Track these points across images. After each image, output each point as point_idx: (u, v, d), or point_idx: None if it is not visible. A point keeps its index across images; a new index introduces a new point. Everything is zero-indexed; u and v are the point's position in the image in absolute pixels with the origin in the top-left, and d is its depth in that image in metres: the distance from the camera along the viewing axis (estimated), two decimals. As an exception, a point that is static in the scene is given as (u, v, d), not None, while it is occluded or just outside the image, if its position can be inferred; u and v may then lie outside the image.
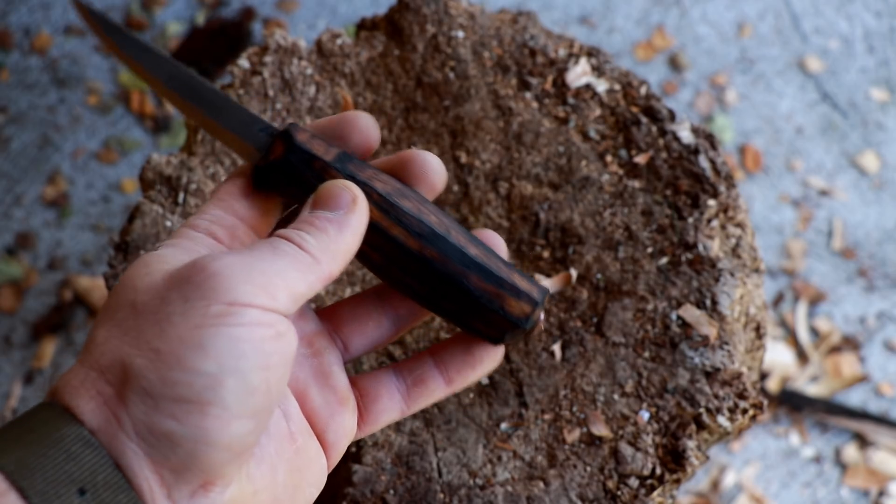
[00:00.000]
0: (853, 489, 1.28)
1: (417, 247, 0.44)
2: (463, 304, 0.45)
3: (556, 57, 0.77)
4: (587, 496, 0.62)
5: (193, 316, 0.36)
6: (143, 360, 0.36)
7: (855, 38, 1.61)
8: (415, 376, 0.46)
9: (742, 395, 0.65)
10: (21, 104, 1.54)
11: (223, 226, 0.42)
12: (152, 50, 0.45)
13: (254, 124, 0.45)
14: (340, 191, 0.41)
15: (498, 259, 0.46)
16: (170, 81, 0.45)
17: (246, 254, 0.38)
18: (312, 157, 0.44)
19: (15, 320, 1.37)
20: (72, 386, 0.36)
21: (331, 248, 0.40)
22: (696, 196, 0.71)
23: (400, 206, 0.44)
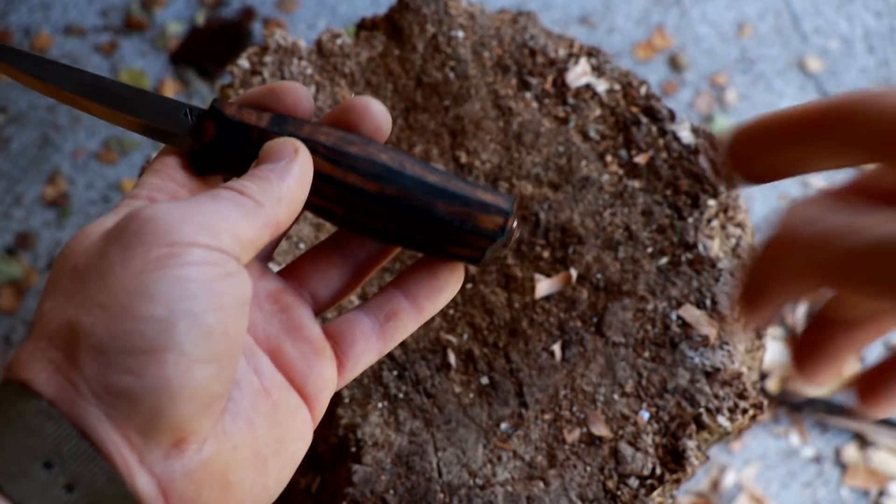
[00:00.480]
0: (853, 489, 1.28)
1: (376, 188, 0.43)
2: (435, 232, 0.45)
3: (556, 57, 0.77)
4: (587, 496, 0.62)
5: (134, 263, 0.34)
6: (90, 317, 0.34)
7: (855, 38, 1.61)
8: (385, 312, 0.45)
9: (742, 395, 0.65)
10: (21, 104, 1.54)
11: (165, 191, 0.41)
12: (50, 62, 0.44)
13: (177, 110, 0.44)
14: (280, 145, 0.41)
15: (458, 180, 0.46)
16: (79, 89, 0.43)
17: (185, 202, 0.36)
18: (247, 127, 0.43)
19: (15, 320, 1.37)
20: (23, 360, 0.35)
21: (274, 193, 0.39)
22: (696, 196, 0.71)
23: (348, 153, 0.43)
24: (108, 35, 1.60)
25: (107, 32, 1.60)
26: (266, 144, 0.41)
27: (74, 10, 1.62)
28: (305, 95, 0.44)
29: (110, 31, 1.61)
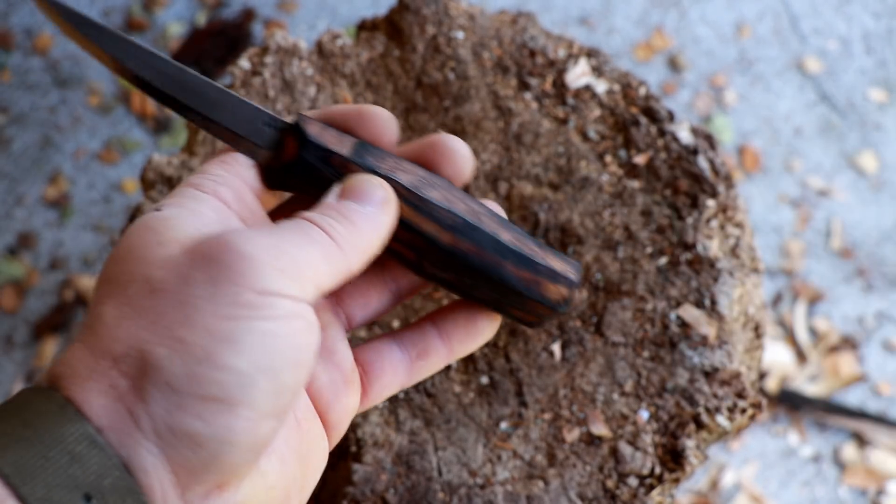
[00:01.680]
0: (852, 488, 1.28)
1: (451, 240, 0.42)
2: (500, 292, 0.44)
3: (555, 57, 0.78)
4: (587, 495, 0.63)
5: (222, 303, 0.32)
6: (167, 350, 0.32)
7: (853, 38, 1.61)
8: (419, 349, 0.44)
9: (741, 395, 0.65)
10: (22, 105, 1.54)
11: (230, 187, 0.39)
12: (134, 45, 0.40)
13: (257, 118, 0.41)
14: (373, 187, 0.39)
15: (530, 240, 0.44)
16: (160, 79, 0.40)
17: (274, 234, 0.35)
18: (329, 152, 0.40)
19: (16, 320, 1.37)
20: (78, 376, 0.33)
21: (358, 242, 0.37)
22: (696, 196, 0.71)
23: (429, 199, 0.41)
24: (108, 36, 1.60)
25: (107, 33, 1.61)
26: (358, 177, 0.39)
27: (75, 10, 1.62)
28: (391, 125, 0.42)
29: (111, 32, 1.61)
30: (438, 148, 0.43)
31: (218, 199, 0.38)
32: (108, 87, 1.56)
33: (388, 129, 0.42)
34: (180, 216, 0.36)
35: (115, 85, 1.56)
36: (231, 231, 0.34)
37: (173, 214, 0.36)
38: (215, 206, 0.38)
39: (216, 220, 0.37)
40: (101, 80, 1.56)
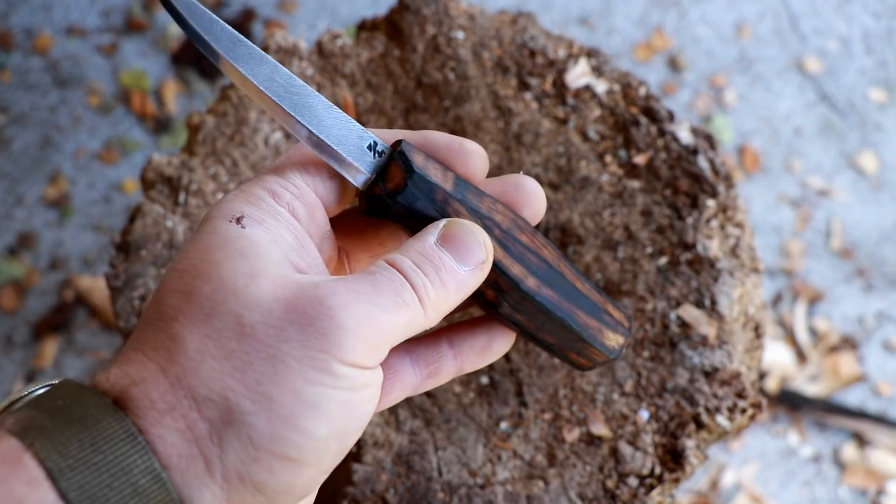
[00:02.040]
0: (851, 488, 1.28)
1: (535, 285, 0.42)
2: (565, 338, 0.45)
3: (555, 58, 0.78)
4: (587, 495, 0.63)
5: (311, 368, 0.33)
6: (253, 405, 0.33)
7: (853, 38, 1.61)
8: (431, 368, 0.44)
9: (741, 395, 0.65)
10: (23, 105, 1.54)
11: (305, 203, 0.39)
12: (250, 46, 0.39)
13: (362, 140, 0.40)
14: (476, 244, 0.39)
15: (592, 286, 0.45)
16: (269, 85, 0.39)
17: (371, 299, 0.35)
18: (434, 186, 0.40)
19: (16, 320, 1.37)
20: (156, 409, 0.33)
21: (443, 307, 0.38)
22: (696, 196, 0.71)
23: (520, 241, 0.42)
24: (109, 36, 1.60)
25: (108, 33, 1.61)
26: (460, 227, 0.39)
27: (76, 10, 1.62)
28: (485, 162, 0.43)
29: (112, 32, 1.61)
30: (521, 189, 0.44)
31: (293, 215, 0.38)
32: (108, 87, 1.56)
33: (484, 165, 0.43)
34: (265, 243, 0.36)
35: (115, 85, 1.56)
36: (327, 290, 0.35)
37: (258, 238, 0.36)
38: (292, 226, 0.38)
39: (294, 245, 0.37)
40: (100, 81, 1.56)
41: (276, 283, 0.35)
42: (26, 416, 0.32)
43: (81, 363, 1.34)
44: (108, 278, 0.70)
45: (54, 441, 0.31)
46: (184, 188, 0.73)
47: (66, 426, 0.31)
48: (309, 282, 0.35)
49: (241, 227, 0.36)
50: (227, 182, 0.73)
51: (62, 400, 0.33)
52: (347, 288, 0.35)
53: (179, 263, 0.36)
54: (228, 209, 0.37)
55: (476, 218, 0.41)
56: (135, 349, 0.35)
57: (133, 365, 0.34)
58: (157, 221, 0.71)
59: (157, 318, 0.35)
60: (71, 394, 0.33)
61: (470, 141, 0.43)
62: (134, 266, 0.70)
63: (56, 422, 0.32)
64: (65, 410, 0.32)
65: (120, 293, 0.69)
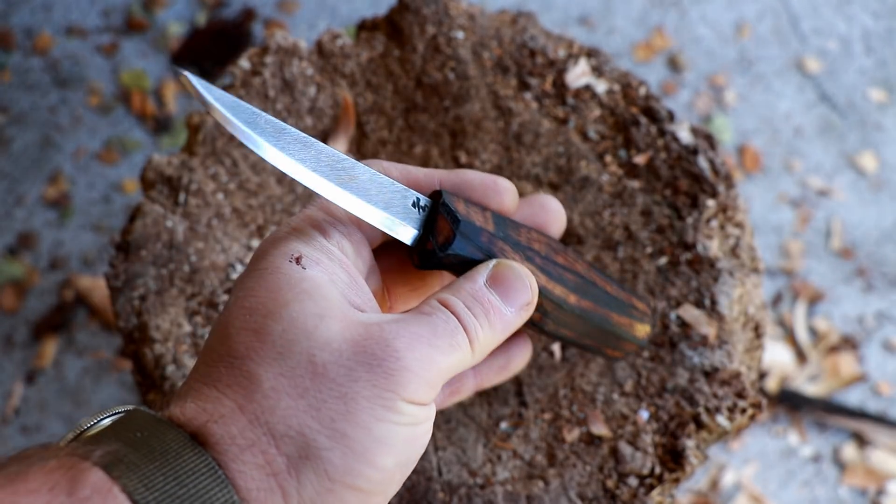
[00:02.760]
0: (851, 488, 1.28)
1: (576, 301, 0.45)
2: (602, 338, 0.47)
3: (555, 57, 0.78)
4: (587, 495, 0.63)
5: (380, 406, 0.35)
6: (329, 441, 0.35)
7: (853, 38, 1.61)
8: (453, 388, 0.47)
9: (741, 395, 0.65)
10: (23, 105, 1.54)
11: (352, 241, 0.41)
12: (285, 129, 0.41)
13: (406, 198, 0.42)
14: (522, 286, 0.41)
15: (617, 285, 0.48)
16: (315, 164, 0.40)
17: (430, 342, 0.37)
18: (479, 230, 0.42)
19: (16, 320, 1.37)
20: (236, 445, 0.34)
21: (489, 346, 0.41)
22: (695, 196, 0.71)
23: (558, 264, 0.44)
24: (109, 36, 1.60)
25: (108, 33, 1.61)
26: (507, 268, 0.41)
27: (76, 10, 1.62)
28: (516, 196, 0.45)
29: (111, 32, 1.61)
30: (547, 210, 0.47)
31: (343, 252, 0.40)
32: (108, 87, 1.56)
33: (515, 200, 0.45)
34: (326, 284, 0.38)
35: (115, 85, 1.56)
36: (392, 332, 0.37)
37: (319, 279, 0.38)
38: (345, 265, 0.40)
39: (349, 283, 0.39)
40: (100, 81, 1.56)
41: (343, 323, 0.37)
42: (111, 449, 0.33)
43: (81, 363, 1.34)
44: (108, 278, 0.70)
45: (140, 475, 0.32)
46: (184, 188, 0.73)
47: (150, 460, 0.33)
48: (373, 322, 0.37)
49: (302, 268, 0.38)
50: (227, 182, 0.74)
51: (140, 432, 0.34)
52: (410, 331, 0.37)
53: (246, 301, 0.38)
54: (285, 248, 0.39)
55: (519, 252, 0.43)
56: (207, 385, 0.36)
57: (209, 401, 0.35)
58: (157, 221, 0.71)
59: (227, 355, 0.37)
60: (147, 426, 0.35)
61: (502, 178, 0.45)
62: (134, 266, 0.70)
63: (139, 455, 0.33)
64: (145, 444, 0.33)
65: (120, 293, 0.69)
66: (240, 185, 0.74)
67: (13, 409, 1.31)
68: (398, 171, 0.44)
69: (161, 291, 0.69)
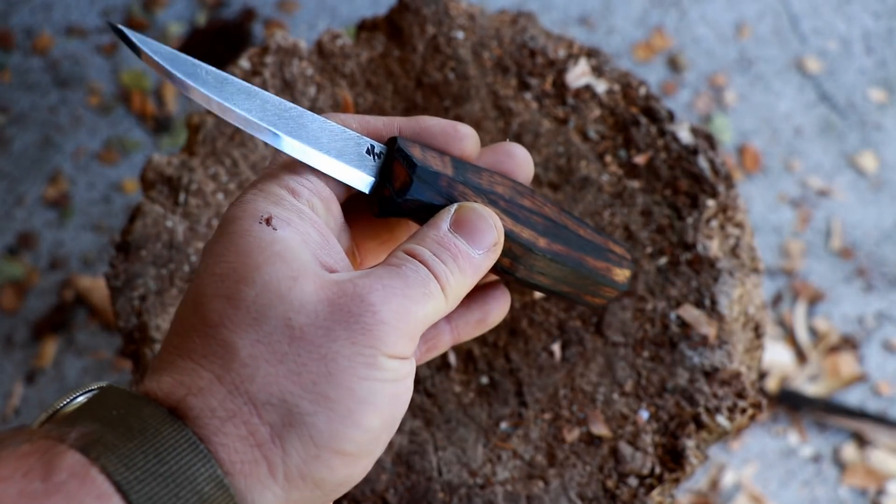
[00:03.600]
0: (852, 488, 1.28)
1: (546, 244, 0.44)
2: (580, 285, 0.46)
3: (555, 57, 0.78)
4: (587, 495, 0.63)
5: (360, 364, 0.34)
6: (312, 405, 0.34)
7: (853, 38, 1.61)
8: (430, 344, 0.46)
9: (741, 395, 0.65)
10: (23, 105, 1.54)
11: (322, 198, 0.40)
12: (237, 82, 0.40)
13: (360, 145, 0.41)
14: (487, 227, 0.41)
15: (592, 229, 0.47)
16: (263, 114, 0.39)
17: (403, 292, 0.37)
18: (437, 174, 0.41)
19: (16, 320, 1.37)
20: (217, 417, 0.33)
21: (461, 291, 0.40)
22: (695, 196, 0.71)
23: (524, 207, 0.43)
24: (109, 36, 1.60)
25: (108, 33, 1.61)
26: (470, 211, 0.41)
27: (76, 10, 1.62)
28: (477, 141, 0.44)
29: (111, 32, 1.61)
30: (513, 156, 0.45)
31: (313, 211, 0.39)
32: (108, 87, 1.56)
33: (477, 146, 0.44)
34: (297, 244, 0.37)
35: (115, 85, 1.56)
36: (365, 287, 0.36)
37: (291, 240, 0.37)
38: (316, 224, 0.39)
39: (321, 242, 0.38)
40: (100, 81, 1.56)
41: (317, 283, 0.36)
42: (87, 430, 0.32)
43: (81, 363, 1.34)
44: (108, 278, 0.70)
45: (119, 454, 0.31)
46: (184, 188, 0.73)
47: (128, 438, 0.32)
48: (345, 279, 0.36)
49: (272, 229, 0.37)
50: (226, 182, 0.74)
51: (115, 410, 0.33)
52: (382, 284, 0.36)
53: (216, 267, 0.37)
54: (254, 209, 0.38)
55: (481, 195, 0.42)
56: (182, 356, 0.35)
57: (185, 373, 0.34)
58: (157, 221, 0.71)
59: (200, 324, 0.36)
60: (123, 403, 0.34)
61: (463, 124, 0.44)
62: (134, 266, 0.70)
63: (117, 434, 0.32)
64: (122, 421, 0.32)
65: (120, 293, 0.69)
66: (240, 185, 0.74)
67: (13, 409, 1.31)
68: (357, 121, 0.43)
69: (161, 291, 0.69)
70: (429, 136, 0.43)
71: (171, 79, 0.38)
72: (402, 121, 0.43)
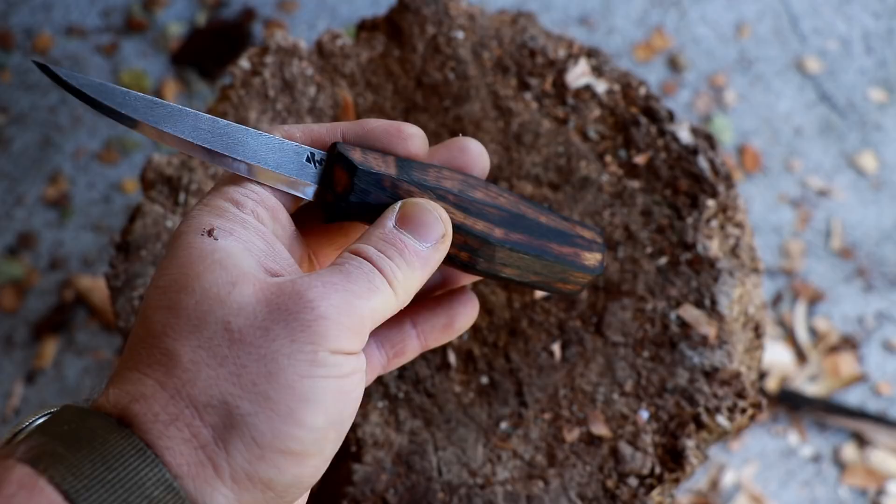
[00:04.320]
0: (851, 488, 1.28)
1: (502, 234, 0.44)
2: (547, 272, 0.46)
3: (555, 57, 0.78)
4: (586, 495, 0.63)
5: (301, 362, 0.34)
6: (252, 406, 0.34)
7: (853, 38, 1.61)
8: (397, 349, 0.46)
9: (741, 395, 0.65)
10: (23, 105, 1.54)
11: (267, 207, 0.40)
12: (161, 104, 0.40)
13: (299, 155, 0.42)
14: (433, 220, 0.41)
15: (558, 216, 0.47)
16: (197, 135, 0.40)
17: (342, 287, 0.36)
18: (379, 176, 0.41)
19: (16, 320, 1.37)
20: (159, 421, 0.34)
21: (411, 285, 0.40)
22: (695, 196, 0.71)
23: (475, 199, 0.43)
24: (109, 36, 1.60)
25: (108, 33, 1.61)
26: (414, 206, 0.41)
27: (76, 10, 1.62)
28: (424, 140, 0.44)
29: (111, 32, 1.61)
30: (467, 151, 0.45)
31: (259, 221, 0.39)
32: (108, 87, 1.56)
33: (424, 145, 0.44)
34: (239, 252, 0.37)
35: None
36: (304, 284, 0.36)
37: (232, 248, 0.37)
38: (260, 232, 0.39)
39: (266, 250, 0.38)
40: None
41: (256, 286, 0.36)
42: (36, 444, 0.32)
43: (81, 363, 1.34)
44: (108, 278, 0.70)
45: (67, 464, 0.32)
46: (184, 188, 0.73)
47: (76, 449, 0.32)
48: (285, 280, 0.37)
49: (214, 240, 0.37)
50: (226, 182, 0.74)
51: (67, 425, 0.33)
52: (322, 280, 0.37)
53: (160, 280, 0.37)
54: (198, 224, 0.38)
55: (427, 192, 0.42)
56: (129, 368, 0.36)
57: (131, 383, 0.35)
58: (157, 221, 0.71)
59: (146, 336, 0.36)
60: (74, 418, 0.34)
61: (408, 124, 0.44)
62: (134, 266, 0.70)
63: (65, 445, 0.32)
64: (72, 434, 0.33)
65: (120, 293, 0.69)
66: (240, 185, 0.74)
67: (13, 409, 1.31)
68: (301, 131, 0.43)
69: (161, 291, 0.69)
70: (373, 138, 0.43)
71: (100, 109, 0.39)
72: (346, 125, 0.44)
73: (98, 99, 0.39)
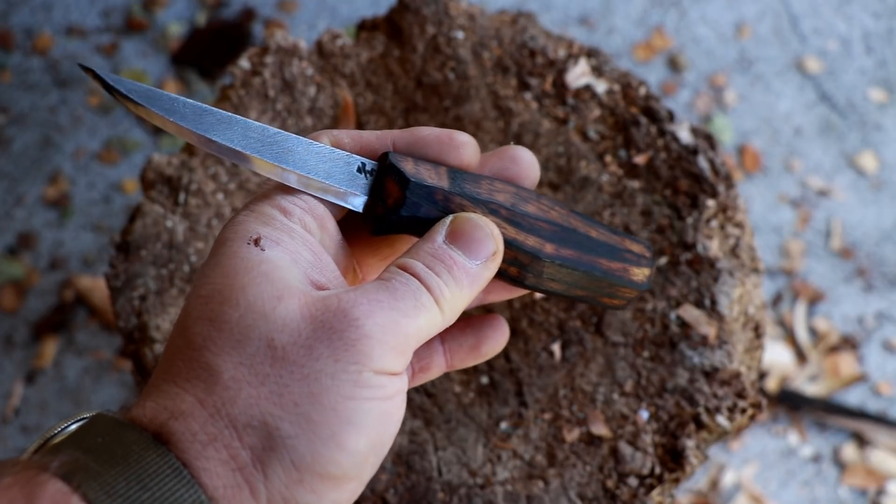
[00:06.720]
0: (851, 488, 1.28)
1: (553, 250, 0.43)
2: (595, 287, 0.45)
3: (555, 57, 0.78)
4: (586, 495, 0.63)
5: (345, 382, 0.33)
6: (293, 428, 0.33)
7: (853, 38, 1.61)
8: (423, 364, 0.45)
9: (741, 395, 0.65)
10: (23, 105, 1.54)
11: (315, 216, 0.39)
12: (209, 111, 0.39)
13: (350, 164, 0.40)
14: (484, 237, 0.39)
15: (606, 229, 0.46)
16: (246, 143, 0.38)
17: (391, 305, 0.35)
18: (431, 188, 0.40)
19: (16, 320, 1.37)
20: (198, 441, 0.33)
21: (459, 304, 0.38)
22: (695, 196, 0.71)
23: (527, 213, 0.42)
24: (109, 36, 1.60)
25: (108, 33, 1.61)
26: (466, 221, 0.39)
27: (76, 10, 1.62)
28: (476, 149, 0.42)
29: (111, 32, 1.61)
30: (518, 161, 0.44)
31: (306, 230, 0.38)
32: (108, 87, 1.56)
33: (476, 154, 0.43)
34: (286, 264, 0.36)
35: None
36: (349, 301, 0.35)
37: (280, 260, 0.36)
38: (308, 242, 0.38)
39: (313, 261, 0.37)
40: (101, 80, 1.56)
41: (301, 301, 0.35)
42: (70, 458, 0.32)
43: (81, 363, 1.34)
44: (108, 278, 0.70)
45: (101, 482, 0.31)
46: (184, 188, 0.73)
47: (111, 465, 0.31)
48: (330, 295, 0.35)
49: (260, 250, 0.36)
50: (226, 182, 0.74)
51: (101, 437, 0.33)
52: (368, 297, 0.35)
53: (202, 289, 0.36)
54: (244, 230, 0.37)
55: (480, 206, 0.41)
56: (167, 381, 0.35)
57: (169, 398, 0.34)
58: (157, 221, 0.71)
59: (185, 348, 0.35)
60: (109, 430, 0.33)
61: (460, 133, 0.43)
62: (134, 266, 0.70)
63: (100, 461, 0.31)
64: (106, 449, 0.32)
65: (120, 293, 0.69)
66: (240, 185, 0.74)
67: (13, 409, 1.31)
68: (350, 138, 0.42)
69: (161, 291, 0.69)
70: (424, 146, 0.42)
71: (149, 116, 0.38)
72: (397, 134, 0.42)
73: (147, 106, 0.37)
